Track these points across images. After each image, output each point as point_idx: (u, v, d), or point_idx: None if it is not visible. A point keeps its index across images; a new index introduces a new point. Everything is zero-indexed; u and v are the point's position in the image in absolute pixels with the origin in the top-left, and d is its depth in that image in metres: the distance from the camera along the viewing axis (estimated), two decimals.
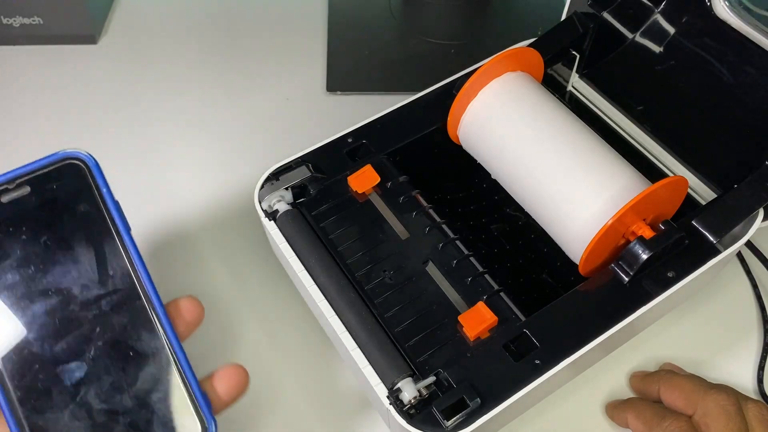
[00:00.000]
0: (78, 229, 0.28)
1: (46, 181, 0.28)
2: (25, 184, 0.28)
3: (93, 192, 0.29)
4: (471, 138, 0.43)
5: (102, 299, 0.28)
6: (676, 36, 0.47)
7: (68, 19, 0.60)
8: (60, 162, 0.28)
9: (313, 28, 0.64)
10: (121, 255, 0.29)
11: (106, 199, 0.29)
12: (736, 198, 0.40)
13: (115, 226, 0.29)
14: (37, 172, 0.28)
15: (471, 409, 0.34)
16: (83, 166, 0.29)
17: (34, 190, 0.28)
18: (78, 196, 0.29)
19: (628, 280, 0.38)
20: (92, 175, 0.29)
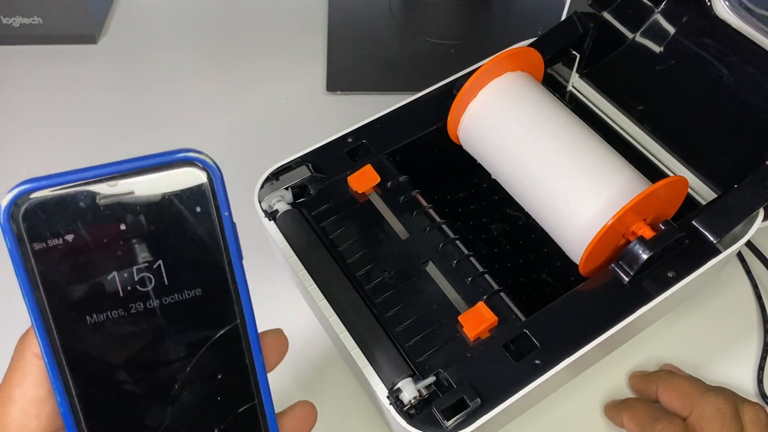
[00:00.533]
0: (186, 251, 0.23)
1: (156, 186, 0.22)
2: (129, 185, 0.22)
3: (210, 209, 0.23)
4: (471, 138, 0.43)
5: (201, 332, 0.24)
6: (676, 36, 0.47)
7: (68, 19, 0.60)
8: (176, 165, 0.22)
9: (313, 28, 0.64)
10: (229, 289, 0.24)
11: (224, 222, 0.23)
12: (736, 198, 0.40)
13: (228, 255, 0.24)
14: (146, 172, 0.22)
15: (471, 409, 0.34)
16: (205, 175, 0.23)
17: (139, 194, 0.22)
18: (192, 211, 0.23)
19: (628, 280, 0.38)
20: (213, 189, 0.23)
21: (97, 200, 0.22)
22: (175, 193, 0.23)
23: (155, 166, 0.22)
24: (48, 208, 0.21)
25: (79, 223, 0.22)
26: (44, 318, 0.22)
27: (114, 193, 0.22)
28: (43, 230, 0.21)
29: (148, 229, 0.23)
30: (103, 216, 0.22)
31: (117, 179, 0.22)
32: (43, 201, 0.21)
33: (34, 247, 0.21)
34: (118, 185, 0.22)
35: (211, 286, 0.24)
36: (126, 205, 0.22)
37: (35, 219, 0.21)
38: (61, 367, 0.22)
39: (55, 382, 0.22)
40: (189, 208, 0.23)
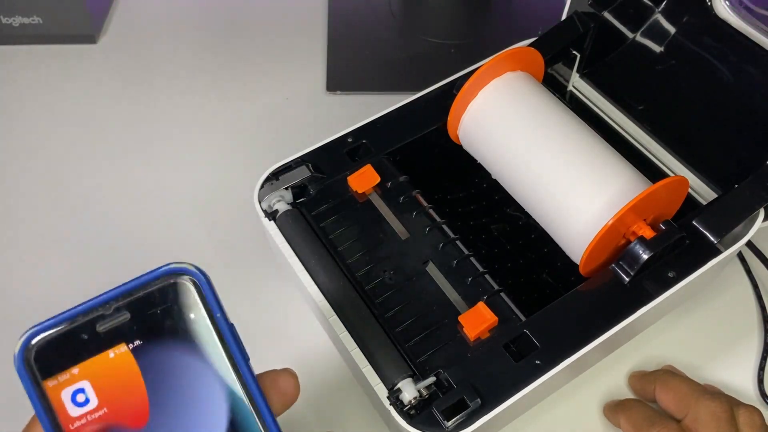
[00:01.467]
0: (187, 368, 0.24)
1: (148, 305, 0.24)
2: (123, 309, 0.24)
3: (203, 315, 0.24)
4: (471, 138, 0.43)
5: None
6: (676, 36, 0.47)
7: (68, 19, 0.60)
8: (164, 280, 0.24)
9: (313, 28, 0.64)
10: (238, 393, 0.24)
11: (219, 325, 0.24)
12: (736, 198, 0.40)
13: (230, 355, 0.24)
14: (134, 293, 0.24)
15: (471, 409, 0.34)
16: (191, 284, 0.24)
17: (135, 316, 0.24)
18: (186, 321, 0.24)
19: (628, 280, 0.38)
20: (202, 296, 0.24)
21: (97, 329, 0.23)
22: (165, 307, 0.24)
23: (142, 285, 0.24)
24: (54, 346, 0.23)
25: (84, 353, 0.23)
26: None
27: (111, 321, 0.23)
28: (53, 367, 0.23)
29: (147, 345, 0.24)
30: (105, 342, 0.23)
31: (110, 305, 0.23)
32: (49, 341, 0.23)
33: (48, 385, 0.23)
34: (112, 311, 0.24)
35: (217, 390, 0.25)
36: (124, 328, 0.24)
37: (45, 358, 0.23)
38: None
39: None
40: (183, 317, 0.24)
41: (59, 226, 0.51)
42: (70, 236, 0.50)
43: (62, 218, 0.51)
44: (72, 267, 0.49)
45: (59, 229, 0.51)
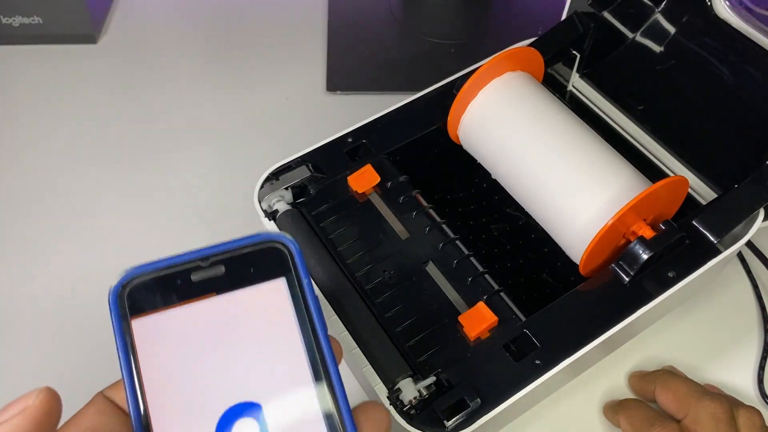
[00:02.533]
0: (270, 326, 0.25)
1: (243, 264, 0.25)
2: (220, 263, 0.25)
3: (293, 282, 0.25)
4: (471, 138, 0.43)
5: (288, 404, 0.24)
6: (676, 36, 0.47)
7: (68, 19, 0.60)
8: (261, 244, 0.25)
9: (313, 28, 0.64)
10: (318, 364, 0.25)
11: (306, 292, 0.25)
12: (736, 198, 0.40)
13: (313, 325, 0.25)
14: (235, 251, 0.25)
15: (471, 409, 0.34)
16: (286, 252, 0.26)
17: (229, 270, 0.25)
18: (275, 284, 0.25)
19: (628, 280, 0.38)
20: (294, 264, 0.25)
21: (191, 278, 0.24)
22: (259, 268, 0.25)
23: (240, 246, 0.25)
24: (149, 287, 0.24)
25: (176, 297, 0.24)
26: (139, 388, 0.23)
27: (206, 272, 0.25)
28: (144, 306, 0.24)
29: (237, 302, 0.25)
30: (197, 290, 0.24)
31: (209, 258, 0.25)
32: (145, 281, 0.24)
33: (135, 323, 0.24)
34: (210, 264, 0.25)
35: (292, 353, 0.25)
36: (216, 280, 0.25)
37: (138, 297, 0.24)
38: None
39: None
40: (272, 277, 0.25)
41: (56, 227, 0.51)
42: (68, 237, 0.50)
43: (60, 218, 0.51)
44: (72, 266, 0.49)
45: (55, 230, 0.51)
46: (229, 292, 0.25)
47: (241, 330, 0.25)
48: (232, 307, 0.25)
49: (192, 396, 0.24)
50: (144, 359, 0.24)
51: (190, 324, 0.24)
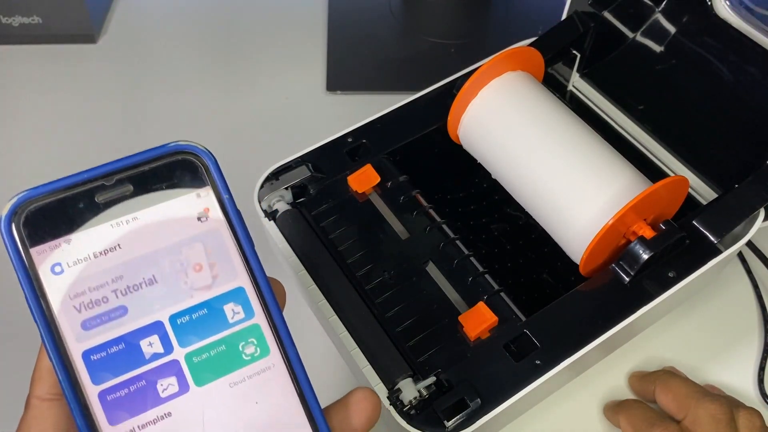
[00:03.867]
0: (188, 244, 0.23)
1: (152, 180, 0.23)
2: (126, 182, 0.22)
3: (210, 197, 0.23)
4: (471, 138, 0.43)
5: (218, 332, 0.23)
6: (676, 35, 0.47)
7: (67, 19, 0.60)
8: (169, 156, 0.23)
9: (313, 28, 0.64)
10: (246, 277, 0.24)
11: (227, 208, 0.24)
12: (736, 198, 0.40)
13: (237, 239, 0.24)
14: (140, 166, 0.22)
15: (471, 409, 0.34)
16: (199, 164, 0.23)
17: (137, 190, 0.23)
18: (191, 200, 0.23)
19: (628, 280, 0.38)
20: (210, 177, 0.23)
21: (96, 199, 0.22)
22: (170, 184, 0.23)
23: (147, 159, 0.23)
24: (48, 213, 0.22)
25: (81, 223, 0.22)
26: (51, 325, 0.22)
27: (111, 192, 0.22)
28: (45, 235, 0.22)
29: (150, 219, 0.23)
30: (104, 214, 0.22)
31: (113, 176, 0.22)
32: (43, 206, 0.22)
33: (36, 253, 0.22)
34: (114, 182, 0.22)
35: (222, 275, 0.24)
36: (126, 200, 0.23)
37: (36, 225, 0.22)
38: (70, 372, 0.22)
39: (67, 388, 0.22)
40: (187, 196, 0.23)
41: None
42: None
43: None
44: None
45: None
46: (139, 211, 0.23)
47: (156, 253, 0.23)
48: (145, 229, 0.23)
49: (115, 329, 0.22)
50: (54, 295, 0.22)
51: (100, 250, 0.22)
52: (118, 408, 0.22)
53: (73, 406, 0.21)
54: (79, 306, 0.22)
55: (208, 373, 0.23)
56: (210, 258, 0.24)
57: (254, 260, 0.24)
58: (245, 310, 0.24)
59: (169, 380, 0.23)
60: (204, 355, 0.23)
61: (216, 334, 0.23)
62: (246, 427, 0.23)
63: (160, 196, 0.23)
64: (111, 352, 0.22)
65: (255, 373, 0.24)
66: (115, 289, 0.23)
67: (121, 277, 0.23)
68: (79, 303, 0.22)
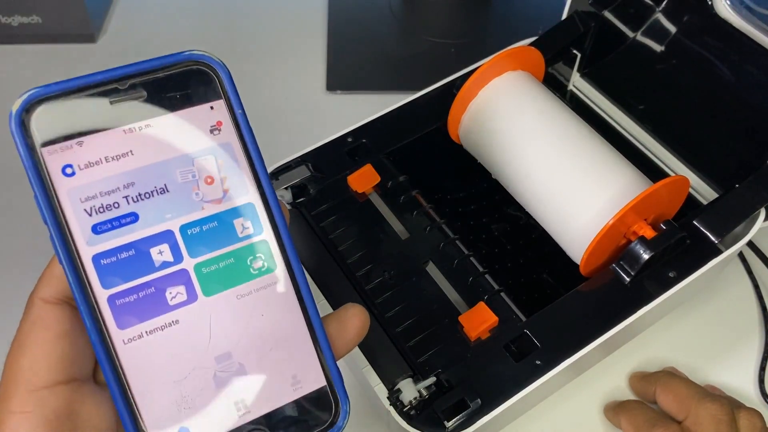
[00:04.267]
0: (201, 155, 0.24)
1: (166, 88, 0.23)
2: (140, 87, 0.23)
3: (223, 110, 0.24)
4: (471, 137, 0.43)
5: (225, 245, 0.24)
6: (677, 35, 0.47)
7: (67, 18, 0.60)
8: (183, 65, 0.23)
9: (313, 28, 0.64)
10: (256, 193, 0.24)
11: (239, 123, 0.24)
12: (737, 198, 0.40)
13: (249, 157, 0.24)
14: (154, 72, 0.23)
15: (472, 409, 0.34)
16: (213, 76, 0.24)
17: (151, 96, 0.23)
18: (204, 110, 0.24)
19: (629, 280, 0.38)
20: (224, 90, 0.24)
21: (109, 102, 0.22)
22: (184, 93, 0.23)
23: (161, 66, 0.23)
24: (60, 112, 0.22)
25: (93, 125, 0.22)
26: (61, 227, 0.22)
27: (125, 96, 0.22)
28: (56, 135, 0.22)
29: (162, 128, 0.23)
30: (117, 118, 0.22)
31: (127, 80, 0.22)
32: (55, 105, 0.22)
33: (47, 153, 0.22)
34: (128, 87, 0.22)
35: (232, 190, 0.24)
36: (139, 106, 0.23)
37: (47, 124, 0.22)
38: (80, 274, 0.22)
39: (77, 290, 0.22)
40: (201, 108, 0.24)
41: None
42: None
43: None
44: None
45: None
46: (153, 118, 0.23)
47: (169, 162, 0.23)
48: (158, 137, 0.23)
49: (125, 235, 0.23)
50: (64, 197, 0.22)
51: (112, 155, 0.22)
52: (126, 313, 0.22)
53: (82, 308, 0.22)
54: (90, 209, 0.22)
55: (216, 284, 0.24)
56: (221, 172, 0.24)
57: (264, 178, 0.24)
58: (254, 225, 0.24)
59: (177, 288, 0.23)
60: (213, 266, 0.24)
61: (225, 246, 0.24)
62: (251, 337, 0.24)
63: (174, 104, 0.23)
64: (121, 257, 0.22)
65: (261, 287, 0.24)
66: (126, 195, 0.23)
67: (132, 184, 0.23)
68: (90, 207, 0.22)
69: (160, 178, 0.23)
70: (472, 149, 0.44)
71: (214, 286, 0.24)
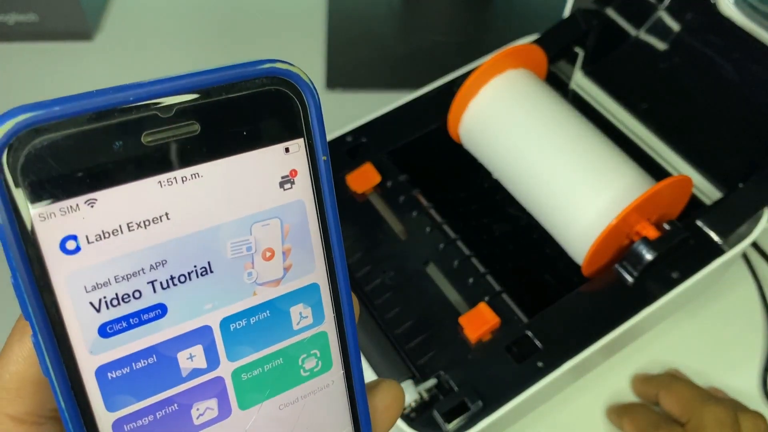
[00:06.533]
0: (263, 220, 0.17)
1: (228, 117, 0.15)
2: (191, 114, 0.15)
3: (302, 157, 0.17)
4: (472, 137, 0.43)
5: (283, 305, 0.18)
6: (680, 33, 0.46)
7: (63, 16, 0.60)
8: (258, 84, 0.16)
9: (313, 25, 0.64)
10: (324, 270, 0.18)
11: (320, 173, 0.17)
12: (741, 197, 0.39)
13: (324, 221, 0.17)
14: (215, 93, 0.15)
15: (472, 412, 0.33)
16: (296, 102, 0.16)
17: (204, 130, 0.15)
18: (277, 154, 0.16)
19: (632, 280, 0.37)
20: (308, 125, 0.17)
21: (141, 139, 0.15)
22: (254, 128, 0.16)
23: (228, 82, 0.15)
24: (62, 151, 0.14)
25: (114, 173, 0.14)
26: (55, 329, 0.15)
27: (168, 129, 0.15)
28: (55, 189, 0.14)
29: (217, 178, 0.16)
30: (152, 162, 0.15)
31: (171, 104, 0.15)
32: (56, 141, 0.14)
33: (39, 217, 0.14)
34: (174, 114, 0.15)
35: (296, 267, 0.17)
36: (188, 144, 0.15)
37: (42, 171, 0.14)
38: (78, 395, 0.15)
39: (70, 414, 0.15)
40: (273, 150, 0.16)
41: None
42: None
43: None
44: None
45: None
46: (205, 164, 0.15)
47: (218, 230, 0.16)
48: (207, 192, 0.16)
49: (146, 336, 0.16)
50: (62, 285, 0.14)
51: (139, 220, 0.15)
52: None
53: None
54: (99, 303, 0.15)
55: (256, 394, 0.18)
56: (286, 242, 0.17)
57: (338, 249, 0.18)
58: (314, 313, 0.18)
59: (207, 403, 0.17)
60: (256, 371, 0.17)
61: (275, 344, 0.18)
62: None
63: (236, 143, 0.16)
64: (137, 367, 0.16)
65: (310, 392, 0.18)
66: (153, 279, 0.15)
67: (164, 263, 0.16)
68: (100, 298, 0.15)
69: (203, 254, 0.16)
70: (472, 148, 0.44)
71: (254, 396, 0.17)
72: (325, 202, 0.17)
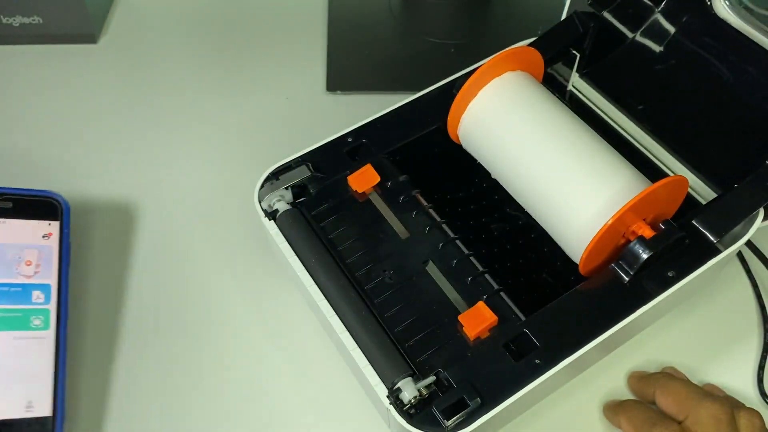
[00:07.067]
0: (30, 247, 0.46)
1: (24, 205, 0.48)
2: (8, 200, 0.49)
3: (55, 227, 0.48)
4: (471, 137, 0.43)
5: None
6: (676, 35, 0.47)
7: (68, 19, 0.60)
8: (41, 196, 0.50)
9: (313, 28, 0.64)
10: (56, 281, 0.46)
11: (63, 237, 0.49)
12: (736, 197, 0.40)
13: (60, 257, 0.47)
14: (20, 195, 0.49)
15: (471, 408, 0.34)
16: (58, 205, 0.49)
17: (14, 207, 0.46)
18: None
19: (628, 279, 0.38)
20: (61, 216, 0.49)
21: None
22: (35, 211, 0.44)
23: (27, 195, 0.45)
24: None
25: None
26: None
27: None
28: None
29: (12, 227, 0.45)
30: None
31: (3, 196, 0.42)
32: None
33: None
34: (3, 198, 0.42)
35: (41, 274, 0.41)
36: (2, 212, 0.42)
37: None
38: None
39: None
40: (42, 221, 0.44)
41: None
42: None
43: None
44: None
45: None
46: (8, 219, 0.40)
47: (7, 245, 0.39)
48: (7, 229, 0.39)
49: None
50: None
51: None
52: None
53: None
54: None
55: (3, 325, 0.38)
56: (38, 260, 0.40)
57: (65, 272, 0.40)
58: (45, 297, 0.40)
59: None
60: (6, 314, 0.38)
61: (21, 304, 0.39)
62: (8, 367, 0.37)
63: (26, 214, 0.40)
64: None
65: (34, 337, 0.38)
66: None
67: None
68: None
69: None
70: (471, 149, 0.44)
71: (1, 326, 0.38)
72: (63, 250, 0.41)
